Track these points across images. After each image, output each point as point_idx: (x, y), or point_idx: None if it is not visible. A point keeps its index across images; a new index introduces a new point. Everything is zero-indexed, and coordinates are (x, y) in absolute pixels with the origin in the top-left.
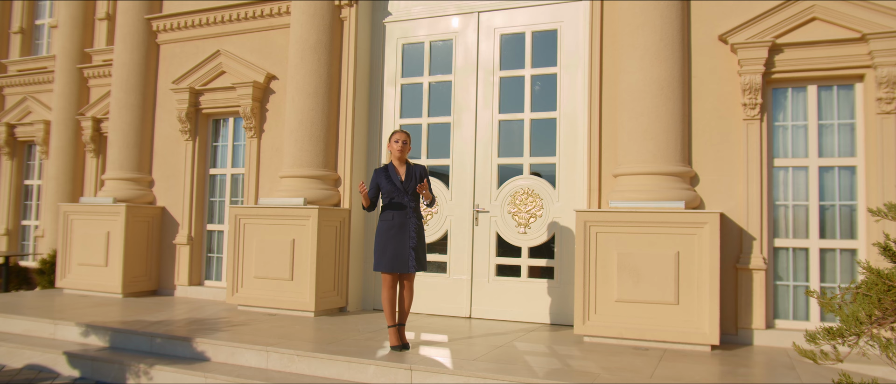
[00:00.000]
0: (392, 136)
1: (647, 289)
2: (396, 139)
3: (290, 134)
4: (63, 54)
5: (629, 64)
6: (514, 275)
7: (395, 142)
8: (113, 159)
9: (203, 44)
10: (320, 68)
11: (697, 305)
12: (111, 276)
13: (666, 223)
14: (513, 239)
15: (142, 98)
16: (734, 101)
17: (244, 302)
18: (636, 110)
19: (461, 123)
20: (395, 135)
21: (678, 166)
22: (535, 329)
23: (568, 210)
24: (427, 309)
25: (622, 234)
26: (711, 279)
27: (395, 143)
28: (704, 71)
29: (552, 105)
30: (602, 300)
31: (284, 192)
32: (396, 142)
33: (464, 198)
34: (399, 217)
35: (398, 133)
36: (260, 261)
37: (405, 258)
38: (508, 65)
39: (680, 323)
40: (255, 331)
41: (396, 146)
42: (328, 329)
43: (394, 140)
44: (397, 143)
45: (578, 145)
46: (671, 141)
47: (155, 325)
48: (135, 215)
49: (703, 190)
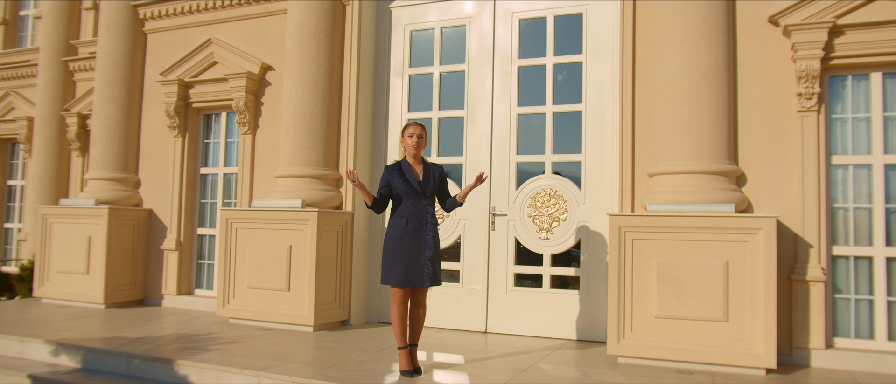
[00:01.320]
0: (405, 130)
1: (691, 304)
2: (411, 133)
3: (287, 129)
4: (47, 46)
5: (668, 49)
6: (535, 285)
7: (409, 136)
8: (96, 158)
9: (193, 32)
10: (320, 57)
11: (750, 323)
12: (92, 285)
13: (714, 229)
14: (533, 245)
15: (127, 91)
16: (787, 90)
17: (236, 314)
18: (676, 101)
19: (475, 118)
20: (409, 128)
21: (724, 164)
22: (561, 346)
23: (595, 213)
24: (438, 322)
25: (663, 241)
26: (767, 293)
27: (409, 137)
28: (752, 57)
29: (577, 97)
30: (639, 316)
31: (280, 193)
32: (411, 136)
33: (479, 200)
34: (414, 223)
35: (413, 126)
36: (253, 269)
37: (420, 270)
38: (528, 53)
39: (730, 343)
40: (246, 350)
41: (411, 141)
42: (328, 347)
43: (407, 134)
44: (412, 137)
45: (607, 141)
46: (716, 135)
47: (134, 343)
48: (119, 218)
49: (751, 191)
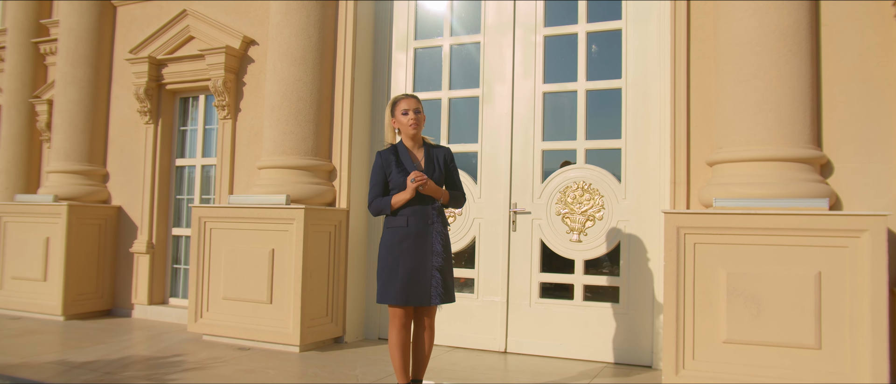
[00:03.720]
0: (396, 105)
1: (771, 326)
2: (404, 108)
3: (271, 112)
4: (15, 26)
5: (735, 6)
6: (565, 296)
7: (403, 113)
8: (58, 148)
9: (167, 4)
10: (310, 28)
11: (851, 351)
12: (50, 294)
13: (802, 230)
14: (563, 249)
15: (94, 72)
16: (887, 56)
17: (210, 330)
18: (747, 71)
19: (493, 97)
20: (402, 102)
21: (807, 149)
22: (598, 372)
23: (639, 210)
24: (449, 340)
25: (733, 246)
26: (875, 313)
27: (404, 114)
28: (839, 15)
29: (615, 71)
30: (704, 340)
31: (263, 187)
32: (405, 112)
33: (497, 195)
34: (416, 222)
35: (405, 99)
36: (230, 277)
37: (426, 284)
38: (555, 20)
39: (824, 375)
40: (215, 377)
41: (407, 119)
42: (315, 375)
43: (401, 110)
44: (408, 114)
45: (653, 124)
46: (798, 113)
47: (78, 371)
48: (81, 217)
49: (839, 182)
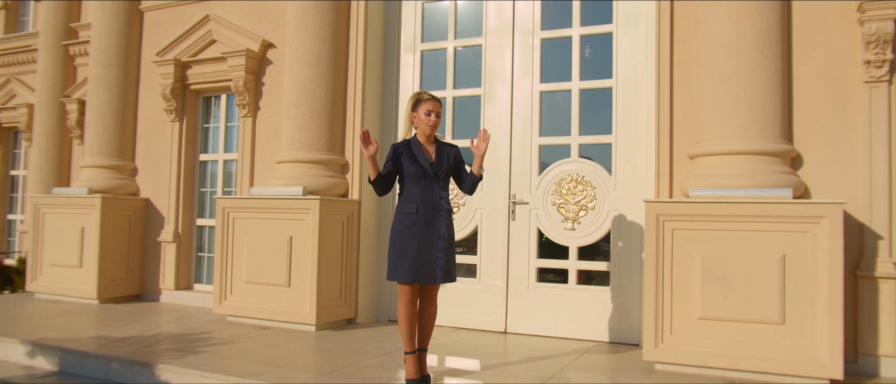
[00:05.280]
0: (419, 105)
1: (741, 304)
2: (428, 110)
3: (288, 110)
4: (47, 30)
5: (712, 12)
6: (561, 280)
7: (426, 114)
8: (90, 144)
9: (191, 9)
10: (324, 31)
11: (812, 326)
12: (85, 279)
13: (768, 217)
14: (558, 236)
15: (123, 73)
16: (851, 58)
17: (234, 312)
18: (723, 72)
19: (494, 96)
20: (425, 103)
21: (777, 143)
22: (589, 350)
23: (628, 200)
24: (453, 321)
25: (708, 232)
26: (832, 292)
27: (427, 115)
28: (809, 20)
29: (607, 71)
30: (680, 317)
31: (281, 180)
32: (428, 114)
33: (497, 187)
34: (426, 211)
35: (430, 101)
36: (252, 263)
37: (432, 265)
38: (552, 23)
39: (787, 349)
40: (238, 352)
41: (428, 119)
42: (330, 350)
43: (424, 111)
44: (430, 115)
45: (641, 120)
46: (768, 110)
47: (117, 344)
48: (113, 208)
49: (808, 174)
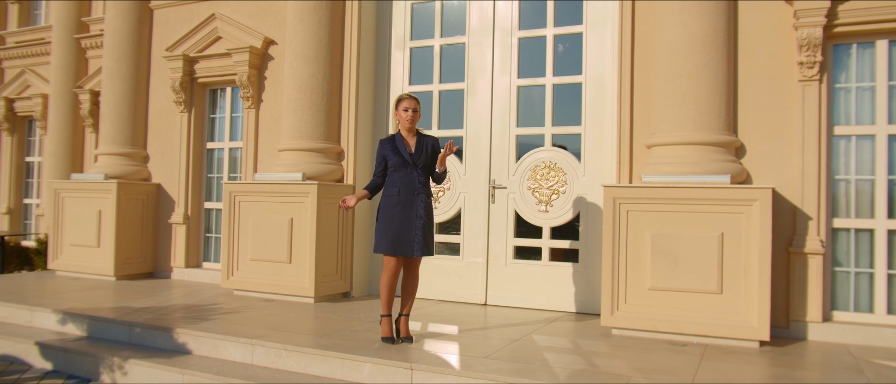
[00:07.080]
0: (399, 103)
1: (685, 276)
2: (405, 107)
3: (288, 103)
4: (60, 24)
5: (666, 18)
6: (535, 257)
7: (404, 110)
8: (105, 133)
9: (198, 8)
10: (321, 31)
11: (745, 295)
12: (103, 258)
13: (709, 200)
14: (533, 218)
15: (134, 67)
16: (788, 59)
17: (240, 286)
18: (674, 71)
19: (476, 90)
20: (404, 102)
21: (722, 135)
22: (558, 318)
23: (595, 185)
24: (439, 294)
25: (657, 213)
26: (762, 265)
27: (404, 111)
28: (753, 25)
29: (577, 68)
30: (633, 288)
31: (282, 166)
32: (406, 110)
33: (479, 173)
34: (406, 193)
35: (408, 99)
36: (256, 242)
37: (410, 240)
38: (528, 24)
39: (724, 315)
40: (245, 319)
41: (406, 115)
42: (326, 318)
43: (402, 108)
44: (408, 111)
45: (607, 113)
46: (714, 106)
47: (138, 313)
48: (128, 193)
49: (751, 162)
